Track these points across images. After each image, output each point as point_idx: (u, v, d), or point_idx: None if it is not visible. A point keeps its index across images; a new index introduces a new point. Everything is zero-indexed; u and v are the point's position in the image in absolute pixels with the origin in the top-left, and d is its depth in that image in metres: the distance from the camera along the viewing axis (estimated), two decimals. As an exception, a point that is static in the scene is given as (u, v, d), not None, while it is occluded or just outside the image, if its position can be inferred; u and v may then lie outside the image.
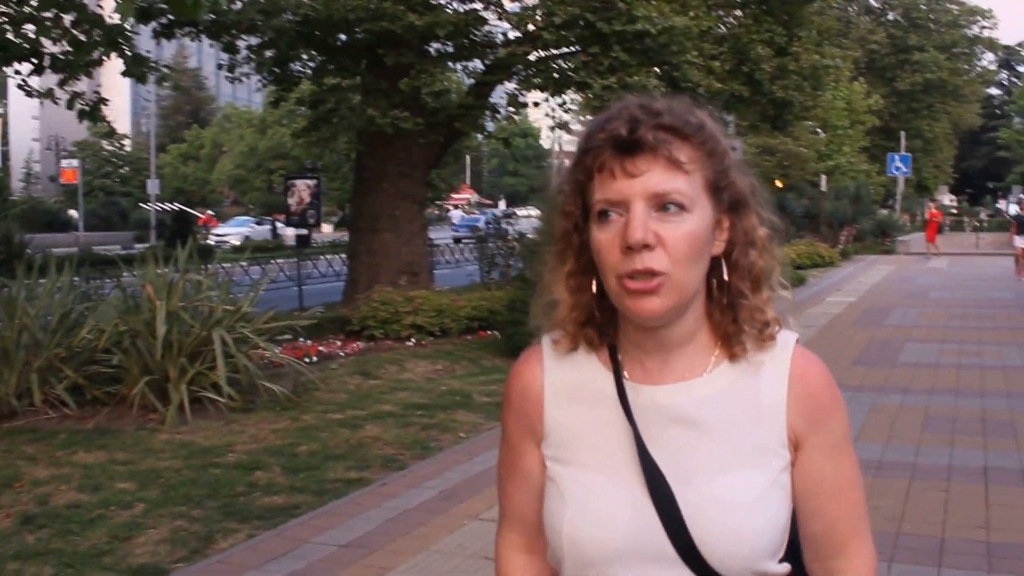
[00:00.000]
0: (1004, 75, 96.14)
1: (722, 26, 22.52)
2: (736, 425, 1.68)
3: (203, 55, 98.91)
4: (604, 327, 1.74)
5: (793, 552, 1.74)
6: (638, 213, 1.56)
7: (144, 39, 17.32)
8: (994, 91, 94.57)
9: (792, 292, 1.78)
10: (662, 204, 1.57)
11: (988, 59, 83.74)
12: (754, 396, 1.69)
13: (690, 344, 1.70)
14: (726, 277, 1.69)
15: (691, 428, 1.67)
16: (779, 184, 43.35)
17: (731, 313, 1.69)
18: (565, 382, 1.78)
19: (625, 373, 1.73)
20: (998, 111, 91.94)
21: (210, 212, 71.56)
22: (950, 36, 71.08)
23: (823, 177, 45.18)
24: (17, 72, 13.48)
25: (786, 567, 1.71)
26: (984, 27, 74.16)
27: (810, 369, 1.71)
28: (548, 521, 1.74)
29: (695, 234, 1.59)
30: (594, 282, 1.69)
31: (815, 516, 1.73)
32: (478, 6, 18.27)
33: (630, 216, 1.57)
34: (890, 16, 72.48)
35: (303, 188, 21.38)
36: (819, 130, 49.98)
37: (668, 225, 1.57)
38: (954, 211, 66.06)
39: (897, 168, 50.54)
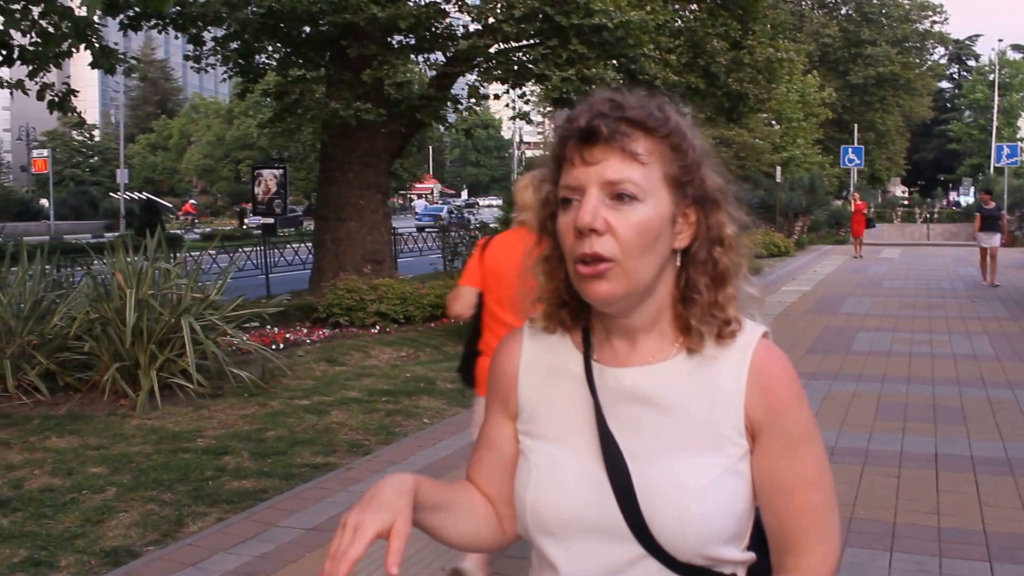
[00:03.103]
0: (954, 69, 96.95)
1: (678, 20, 22.76)
2: (695, 410, 1.70)
3: (170, 46, 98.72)
4: (577, 311, 1.79)
5: (763, 543, 1.79)
6: (590, 199, 1.62)
7: (112, 31, 17.37)
8: (945, 85, 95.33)
9: (758, 289, 1.81)
10: (615, 193, 1.63)
11: (939, 53, 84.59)
12: (713, 383, 1.71)
13: (653, 332, 1.74)
14: (681, 269, 1.73)
15: (652, 409, 1.71)
16: (734, 175, 43.63)
17: (689, 307, 1.72)
18: (540, 361, 1.85)
19: (594, 355, 1.78)
20: (949, 104, 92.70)
21: (192, 202, 71.30)
22: (902, 30, 71.70)
23: (778, 168, 45.44)
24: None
25: (749, 555, 1.74)
26: (935, 22, 74.90)
27: (770, 362, 1.72)
28: (517, 493, 1.80)
29: (646, 224, 1.63)
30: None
31: (767, 509, 1.74)
32: (439, -1, 18.44)
33: (582, 201, 1.63)
34: (843, 10, 72.97)
35: (270, 178, 21.47)
36: (774, 122, 50.40)
37: (619, 213, 1.62)
38: (906, 202, 66.49)
39: (850, 160, 51.04)
